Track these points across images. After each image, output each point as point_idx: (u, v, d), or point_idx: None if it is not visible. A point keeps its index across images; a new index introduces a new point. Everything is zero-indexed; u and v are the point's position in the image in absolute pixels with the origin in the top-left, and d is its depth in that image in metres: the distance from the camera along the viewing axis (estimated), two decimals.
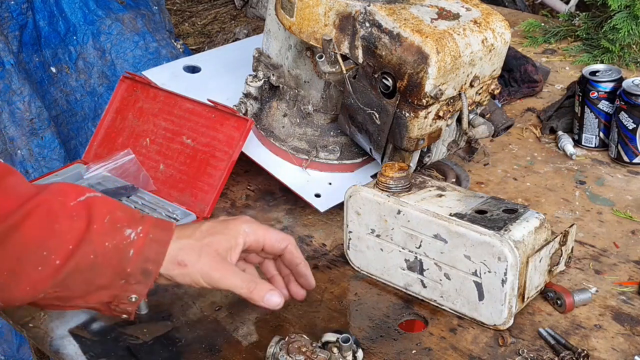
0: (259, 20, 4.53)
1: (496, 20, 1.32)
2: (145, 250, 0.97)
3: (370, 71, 1.30)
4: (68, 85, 2.91)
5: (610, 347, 1.11)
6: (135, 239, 0.97)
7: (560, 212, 1.42)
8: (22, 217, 0.93)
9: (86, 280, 0.96)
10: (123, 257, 0.96)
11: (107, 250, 0.95)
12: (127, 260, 0.96)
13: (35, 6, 2.87)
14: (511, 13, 2.36)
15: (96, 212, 0.97)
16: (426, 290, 1.19)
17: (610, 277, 1.25)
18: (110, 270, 0.96)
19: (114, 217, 0.97)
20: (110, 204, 0.99)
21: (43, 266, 0.93)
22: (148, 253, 0.97)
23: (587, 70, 1.61)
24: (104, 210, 0.97)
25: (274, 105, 1.54)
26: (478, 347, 1.12)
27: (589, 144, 1.62)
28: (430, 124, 1.32)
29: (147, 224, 0.98)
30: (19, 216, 0.93)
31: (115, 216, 0.98)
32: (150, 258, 0.97)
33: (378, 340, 1.13)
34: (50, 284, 0.94)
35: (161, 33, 3.12)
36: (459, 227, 1.12)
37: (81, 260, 0.94)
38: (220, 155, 1.43)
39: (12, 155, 2.69)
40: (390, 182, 1.20)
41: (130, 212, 1.00)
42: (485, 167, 1.57)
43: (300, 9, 1.33)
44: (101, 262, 0.95)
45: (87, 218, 0.96)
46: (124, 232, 0.96)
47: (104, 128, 1.59)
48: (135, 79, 1.60)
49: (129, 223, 0.97)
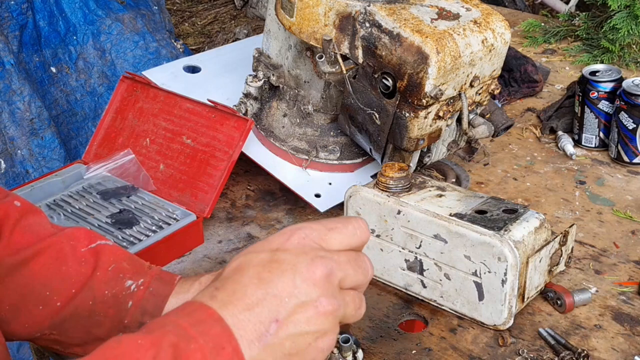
0: (259, 20, 4.53)
1: (496, 20, 1.32)
2: (144, 303, 0.96)
3: (370, 71, 1.30)
4: (68, 85, 2.91)
5: (610, 347, 1.11)
6: (135, 291, 0.96)
7: (560, 212, 1.42)
8: (32, 254, 0.95)
9: (84, 328, 0.96)
10: (121, 308, 0.96)
11: (106, 299, 0.95)
12: (125, 312, 0.96)
13: (35, 6, 2.88)
14: (511, 13, 2.36)
15: (102, 260, 0.97)
16: (426, 290, 1.19)
17: (610, 277, 1.25)
18: (109, 321, 0.96)
19: (118, 266, 0.98)
20: (118, 254, 0.99)
21: (44, 305, 0.94)
22: (146, 306, 0.96)
23: (587, 70, 1.61)
24: (111, 259, 0.98)
25: (274, 105, 1.54)
26: (478, 347, 1.12)
27: (589, 144, 1.62)
28: (430, 124, 1.32)
29: (149, 277, 0.98)
30: (30, 253, 0.95)
31: (120, 266, 0.98)
32: (148, 311, 0.96)
33: (378, 340, 1.13)
34: (49, 324, 0.95)
35: (161, 33, 3.12)
36: (459, 227, 1.12)
37: (80, 305, 0.95)
38: (220, 155, 1.43)
39: (12, 155, 2.69)
40: (390, 182, 1.20)
41: (137, 264, 1.00)
42: (485, 167, 1.57)
43: (300, 9, 1.33)
44: (99, 310, 0.95)
45: (94, 265, 0.96)
46: (124, 282, 0.96)
47: (104, 128, 1.59)
48: (135, 79, 1.60)
49: (132, 274, 0.97)
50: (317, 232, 0.74)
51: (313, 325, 0.69)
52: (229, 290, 0.70)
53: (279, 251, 0.72)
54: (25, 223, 0.97)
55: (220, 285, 0.71)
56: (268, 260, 0.72)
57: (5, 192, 1.01)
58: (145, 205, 1.42)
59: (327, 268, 0.71)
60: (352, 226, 0.76)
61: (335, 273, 0.72)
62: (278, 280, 0.70)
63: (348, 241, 0.75)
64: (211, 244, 1.39)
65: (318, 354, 0.71)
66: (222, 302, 0.69)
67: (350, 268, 0.73)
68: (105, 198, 1.44)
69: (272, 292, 0.69)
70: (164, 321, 0.68)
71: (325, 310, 0.70)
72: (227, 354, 0.66)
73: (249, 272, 0.71)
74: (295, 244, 0.73)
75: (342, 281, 0.72)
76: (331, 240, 0.74)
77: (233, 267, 0.73)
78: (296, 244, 0.73)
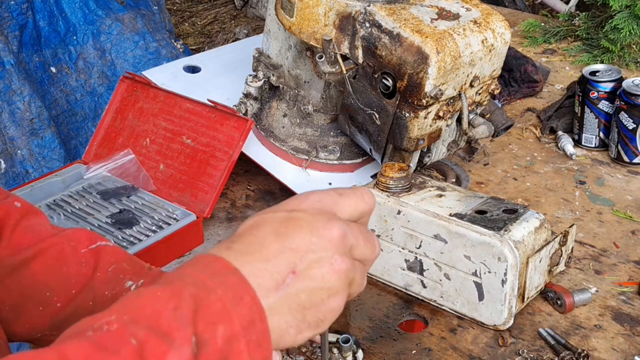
0: (259, 20, 4.53)
1: (496, 20, 1.32)
2: None
3: (370, 71, 1.30)
4: (68, 85, 2.91)
5: (610, 347, 1.11)
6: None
7: (560, 212, 1.42)
8: (33, 254, 0.95)
9: None
10: None
11: (107, 299, 0.95)
12: None
13: (35, 6, 2.88)
14: (511, 13, 2.36)
15: (103, 261, 0.98)
16: (426, 290, 1.19)
17: (610, 277, 1.25)
18: None
19: (118, 267, 0.98)
20: (118, 255, 0.99)
21: (44, 306, 0.94)
22: None
23: (587, 70, 1.61)
24: (111, 260, 0.98)
25: (274, 105, 1.54)
26: (478, 347, 1.12)
27: (589, 144, 1.62)
28: (430, 124, 1.32)
29: (149, 277, 0.98)
30: (31, 253, 0.95)
31: (120, 267, 0.98)
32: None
33: (378, 340, 1.13)
34: (49, 325, 0.95)
35: (161, 33, 3.12)
36: (459, 228, 1.12)
37: (80, 305, 0.95)
38: (220, 155, 1.43)
39: (12, 155, 2.69)
40: (390, 183, 1.20)
41: (137, 265, 1.00)
42: (485, 167, 1.57)
43: (300, 9, 1.33)
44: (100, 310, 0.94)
45: (94, 265, 0.97)
46: (125, 283, 0.96)
47: (104, 128, 1.59)
48: (135, 79, 1.60)
49: (132, 275, 0.97)
50: (330, 197, 0.76)
51: (327, 281, 0.71)
52: (245, 243, 0.71)
53: (295, 211, 0.74)
54: (25, 224, 0.97)
55: (236, 239, 0.72)
56: (285, 218, 0.73)
57: (5, 193, 1.01)
58: (145, 205, 1.42)
59: (342, 230, 0.73)
60: (360, 192, 0.78)
61: (349, 237, 0.73)
62: (295, 235, 0.71)
63: (358, 205, 0.77)
64: (211, 244, 1.39)
65: (329, 313, 0.71)
66: (238, 253, 0.70)
67: (362, 239, 0.75)
68: (105, 198, 1.44)
69: (289, 246, 0.70)
70: (181, 273, 0.69)
71: (339, 268, 0.71)
72: (246, 303, 0.67)
73: (265, 227, 0.72)
74: (311, 206, 0.75)
75: (353, 249, 0.74)
76: (343, 205, 0.76)
77: (249, 224, 0.74)
78: (311, 206, 0.75)
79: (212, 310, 0.66)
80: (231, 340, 0.65)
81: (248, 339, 0.66)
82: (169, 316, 0.64)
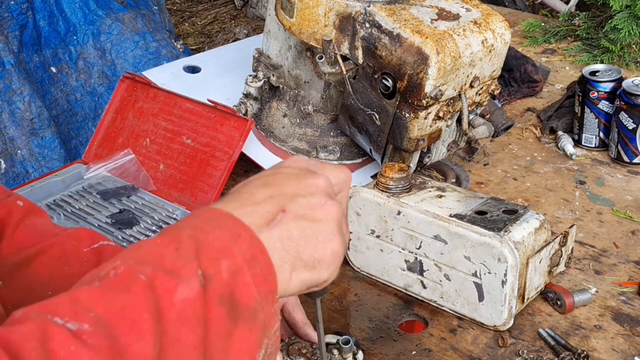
0: (259, 21, 4.53)
1: (496, 21, 1.32)
2: None
3: (370, 72, 1.30)
4: (68, 85, 2.91)
5: (610, 347, 1.11)
6: None
7: (560, 213, 1.42)
8: (35, 253, 0.95)
9: None
10: None
11: None
12: None
13: (35, 6, 2.88)
14: (511, 13, 2.36)
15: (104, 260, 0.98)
16: (426, 291, 1.19)
17: (610, 278, 1.25)
18: None
19: None
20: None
21: None
22: None
23: (587, 70, 1.61)
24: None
25: (274, 105, 1.54)
26: (478, 347, 1.12)
27: (589, 144, 1.62)
28: (430, 125, 1.32)
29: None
30: (33, 252, 0.95)
31: None
32: None
33: (378, 341, 1.13)
34: None
35: (161, 33, 3.12)
36: (459, 228, 1.12)
37: None
38: (220, 155, 1.43)
39: (12, 155, 2.69)
40: (390, 183, 1.20)
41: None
42: (485, 167, 1.57)
43: (300, 9, 1.33)
44: None
45: (96, 265, 0.97)
46: None
47: (104, 128, 1.59)
48: (135, 79, 1.60)
49: None
50: (314, 162, 0.81)
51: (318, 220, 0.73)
52: (234, 195, 0.74)
53: (282, 167, 0.78)
54: (28, 222, 0.98)
55: (226, 196, 0.75)
56: (272, 172, 0.77)
57: (8, 192, 1.01)
58: (145, 205, 1.42)
59: (328, 182, 0.77)
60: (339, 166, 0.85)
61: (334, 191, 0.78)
62: (283, 184, 0.75)
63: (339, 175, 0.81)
64: None
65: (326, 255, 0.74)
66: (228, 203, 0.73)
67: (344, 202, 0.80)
68: (105, 198, 1.44)
69: (278, 192, 0.73)
70: (176, 224, 0.71)
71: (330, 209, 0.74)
72: (244, 240, 0.68)
73: (254, 182, 0.76)
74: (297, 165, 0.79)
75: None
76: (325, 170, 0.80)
77: (238, 186, 0.77)
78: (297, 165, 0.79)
79: (212, 247, 0.67)
80: (236, 274, 0.67)
81: (253, 272, 0.68)
82: (172, 256, 0.65)
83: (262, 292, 0.68)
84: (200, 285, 0.65)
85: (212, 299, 0.65)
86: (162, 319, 0.62)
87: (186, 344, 0.63)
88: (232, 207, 0.71)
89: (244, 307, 0.67)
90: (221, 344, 0.66)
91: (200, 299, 0.64)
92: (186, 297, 0.64)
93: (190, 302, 0.64)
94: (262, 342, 0.69)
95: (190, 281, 0.64)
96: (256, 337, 0.68)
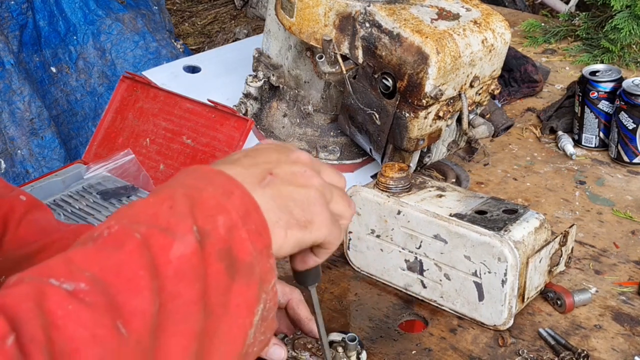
0: (259, 20, 4.53)
1: (496, 21, 1.32)
2: None
3: (370, 71, 1.30)
4: (68, 85, 2.91)
5: (610, 347, 1.11)
6: None
7: (560, 212, 1.42)
8: (38, 249, 0.94)
9: None
10: None
11: None
12: None
13: (35, 6, 2.87)
14: (511, 13, 2.36)
15: None
16: (426, 290, 1.19)
17: (610, 278, 1.25)
18: None
19: None
20: None
21: None
22: None
23: (587, 70, 1.61)
24: None
25: (274, 105, 1.54)
26: (478, 347, 1.11)
27: (589, 144, 1.61)
28: (430, 124, 1.32)
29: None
30: (36, 247, 0.94)
31: None
32: None
33: (378, 340, 1.13)
34: None
35: (161, 33, 3.12)
36: (459, 228, 1.12)
37: None
38: (220, 155, 1.43)
39: (12, 155, 2.69)
40: (390, 183, 1.20)
41: None
42: (485, 167, 1.57)
43: (300, 9, 1.33)
44: None
45: None
46: None
47: (104, 128, 1.59)
48: (135, 79, 1.60)
49: None
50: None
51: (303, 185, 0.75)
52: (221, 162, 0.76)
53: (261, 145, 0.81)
54: (31, 218, 0.97)
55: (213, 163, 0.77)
56: (253, 148, 0.79)
57: (11, 187, 1.01)
58: None
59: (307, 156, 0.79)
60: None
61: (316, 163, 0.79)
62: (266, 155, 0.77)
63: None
64: None
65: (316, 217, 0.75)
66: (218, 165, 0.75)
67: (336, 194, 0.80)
68: (105, 198, 1.44)
69: (262, 160, 0.76)
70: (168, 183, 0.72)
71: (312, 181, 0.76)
72: (238, 196, 0.70)
73: (237, 154, 0.78)
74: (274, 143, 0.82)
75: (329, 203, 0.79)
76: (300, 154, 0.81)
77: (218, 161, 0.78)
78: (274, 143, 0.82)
79: (207, 204, 0.68)
80: (232, 229, 0.68)
81: (248, 227, 0.69)
82: (166, 214, 0.66)
83: (257, 248, 0.69)
84: (196, 241, 0.65)
85: (210, 255, 0.66)
86: (159, 275, 0.62)
87: (185, 299, 0.63)
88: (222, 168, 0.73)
89: (241, 263, 0.68)
90: (221, 299, 0.66)
91: (197, 255, 0.65)
92: (182, 253, 0.64)
93: (186, 258, 0.64)
94: (260, 297, 0.69)
95: (186, 237, 0.65)
96: (254, 292, 0.69)
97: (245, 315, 0.69)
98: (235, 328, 0.68)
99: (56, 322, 0.56)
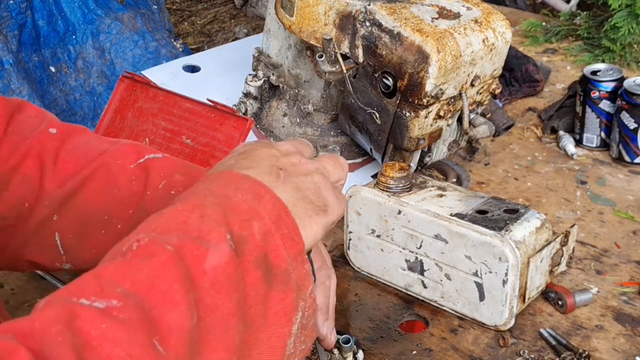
0: (259, 20, 4.53)
1: (497, 20, 1.32)
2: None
3: (370, 70, 1.29)
4: (67, 84, 2.90)
5: (612, 347, 1.11)
6: None
7: (561, 212, 1.41)
8: (81, 181, 0.90)
9: None
10: None
11: None
12: None
13: (34, 5, 2.87)
14: (512, 12, 2.36)
15: (152, 177, 0.93)
16: (427, 290, 1.18)
17: (612, 278, 1.25)
18: None
19: (169, 181, 0.93)
20: (168, 167, 0.95)
21: (106, 230, 0.91)
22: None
23: (588, 70, 1.60)
24: (160, 174, 0.93)
25: (273, 104, 1.54)
26: (479, 347, 1.11)
27: (590, 143, 1.61)
28: (430, 124, 1.31)
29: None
30: (79, 180, 0.90)
31: (171, 181, 0.93)
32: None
33: (378, 340, 1.13)
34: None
35: (161, 32, 3.11)
36: (460, 228, 1.11)
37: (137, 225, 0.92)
38: (220, 155, 1.43)
39: None
40: (390, 182, 1.19)
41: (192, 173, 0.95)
42: (486, 167, 1.56)
43: (300, 8, 1.32)
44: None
45: (144, 182, 0.92)
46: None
47: (104, 128, 1.59)
48: (134, 79, 1.60)
49: (185, 188, 0.91)
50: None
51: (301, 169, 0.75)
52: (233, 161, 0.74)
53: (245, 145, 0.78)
54: (68, 147, 0.92)
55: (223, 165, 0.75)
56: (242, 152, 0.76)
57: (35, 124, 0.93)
58: None
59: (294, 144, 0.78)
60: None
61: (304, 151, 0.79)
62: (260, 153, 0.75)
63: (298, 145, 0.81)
64: None
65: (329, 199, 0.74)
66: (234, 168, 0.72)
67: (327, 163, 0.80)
68: None
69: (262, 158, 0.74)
70: (194, 190, 0.70)
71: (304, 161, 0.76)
72: (268, 200, 0.68)
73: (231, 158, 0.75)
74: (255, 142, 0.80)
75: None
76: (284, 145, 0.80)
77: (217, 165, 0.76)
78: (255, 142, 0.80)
79: (240, 210, 0.66)
80: (267, 235, 0.66)
81: (281, 233, 0.67)
82: (197, 223, 0.63)
83: (291, 253, 0.67)
84: (230, 250, 0.63)
85: (248, 263, 0.63)
86: (194, 287, 0.59)
87: (223, 311, 0.61)
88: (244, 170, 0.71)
89: (277, 270, 0.65)
90: (260, 308, 0.64)
91: (234, 264, 0.62)
92: (217, 263, 0.61)
93: (222, 268, 0.61)
94: (298, 304, 0.67)
95: (220, 246, 0.62)
96: (291, 300, 0.66)
97: (283, 324, 0.66)
98: (275, 338, 0.66)
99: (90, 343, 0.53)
